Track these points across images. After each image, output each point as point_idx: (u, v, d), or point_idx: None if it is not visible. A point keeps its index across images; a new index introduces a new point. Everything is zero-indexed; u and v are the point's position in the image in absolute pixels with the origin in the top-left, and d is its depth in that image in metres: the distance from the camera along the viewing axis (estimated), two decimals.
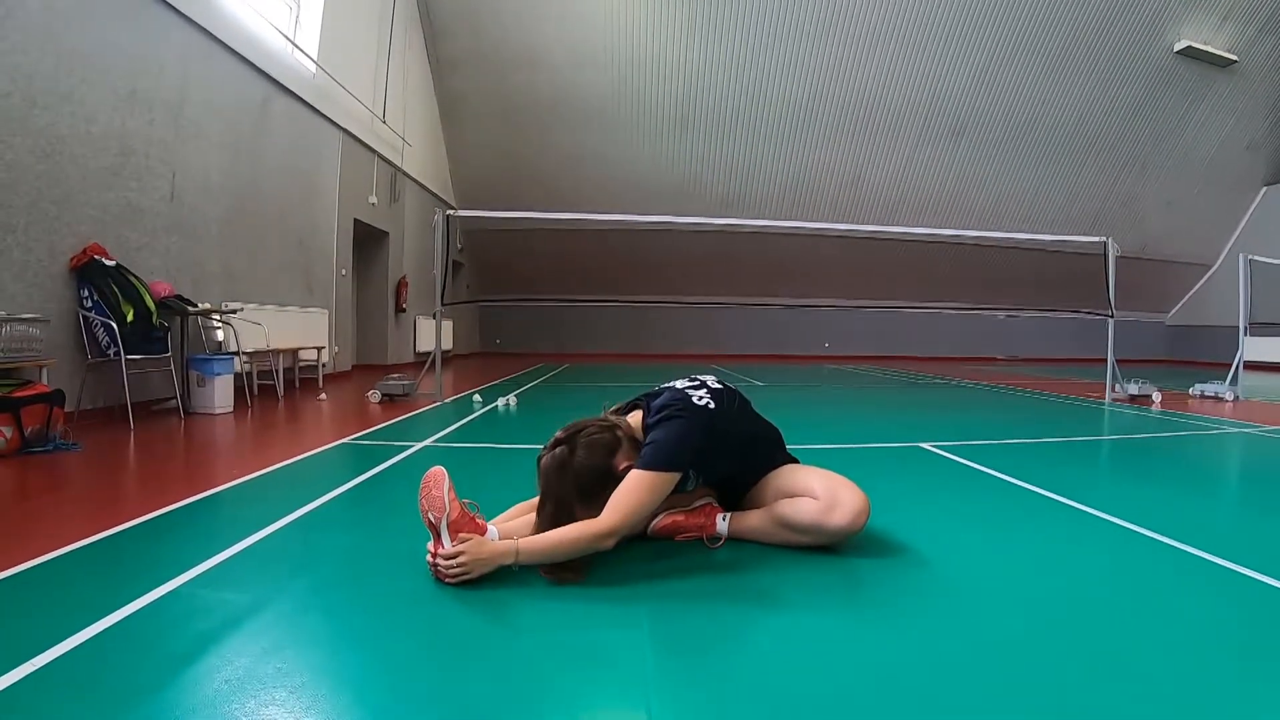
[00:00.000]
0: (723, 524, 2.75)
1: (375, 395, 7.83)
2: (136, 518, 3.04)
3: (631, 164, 18.18)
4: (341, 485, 3.78)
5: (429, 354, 8.99)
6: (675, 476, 2.47)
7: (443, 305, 8.35)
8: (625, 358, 20.01)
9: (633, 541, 2.68)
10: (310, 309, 10.12)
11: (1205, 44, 16.73)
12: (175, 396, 6.56)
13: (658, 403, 2.62)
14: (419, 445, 5.08)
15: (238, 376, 7.25)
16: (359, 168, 12.07)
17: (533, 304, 20.90)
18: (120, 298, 5.97)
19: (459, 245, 18.07)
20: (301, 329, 9.62)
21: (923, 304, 21.61)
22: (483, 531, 2.35)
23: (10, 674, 1.66)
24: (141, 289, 6.22)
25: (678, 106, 17.26)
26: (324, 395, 8.44)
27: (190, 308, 6.87)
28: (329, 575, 2.43)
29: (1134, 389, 9.02)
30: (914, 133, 18.08)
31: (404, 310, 14.32)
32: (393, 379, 8.22)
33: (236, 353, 7.36)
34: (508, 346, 21.56)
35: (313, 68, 10.27)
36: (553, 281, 20.45)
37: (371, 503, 3.57)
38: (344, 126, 11.29)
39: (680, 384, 2.73)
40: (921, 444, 5.39)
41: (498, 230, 19.18)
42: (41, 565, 2.44)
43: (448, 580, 2.25)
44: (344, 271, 11.59)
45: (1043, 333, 22.42)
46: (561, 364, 16.40)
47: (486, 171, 18.17)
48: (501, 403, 7.66)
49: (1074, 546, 2.90)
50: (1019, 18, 15.94)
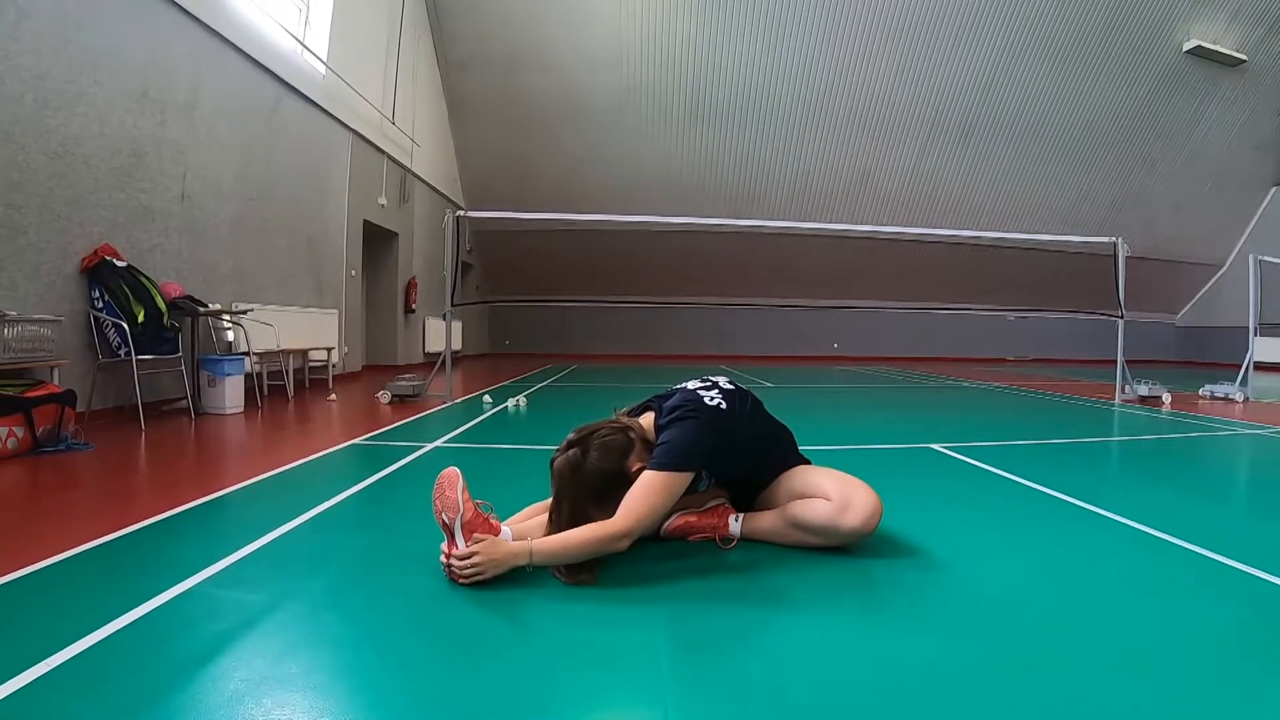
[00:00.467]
0: (735, 525, 2.74)
1: (385, 396, 7.85)
2: (149, 518, 3.05)
3: (640, 165, 18.18)
4: (353, 486, 3.79)
5: (438, 354, 9.01)
6: (688, 477, 2.47)
7: (453, 306, 8.36)
8: (634, 358, 20.02)
9: (646, 542, 2.67)
10: (320, 309, 10.14)
11: (1214, 43, 16.65)
12: (186, 397, 6.59)
13: (669, 404, 2.62)
14: (429, 446, 5.09)
15: (248, 377, 7.27)
16: (369, 168, 12.10)
17: (541, 305, 20.93)
18: (131, 298, 5.99)
19: (468, 246, 18.12)
20: (311, 330, 9.65)
21: (932, 305, 21.56)
22: (496, 532, 2.35)
23: (26, 673, 1.66)
24: (152, 290, 6.24)
25: (686, 107, 17.25)
26: (334, 396, 8.46)
27: (201, 308, 6.89)
28: (343, 575, 2.43)
29: (1144, 390, 8.99)
30: (923, 133, 18.04)
31: (413, 311, 14.35)
32: (403, 379, 8.24)
33: (247, 353, 7.38)
34: (516, 347, 21.58)
35: (322, 69, 10.30)
36: (561, 282, 20.48)
37: (383, 503, 3.58)
38: (353, 127, 11.31)
39: (692, 385, 2.73)
40: (932, 445, 5.38)
41: (506, 231, 19.20)
42: (55, 565, 2.45)
43: (461, 581, 2.25)
44: (354, 272, 11.61)
45: (1052, 334, 22.35)
46: (570, 365, 16.41)
47: (495, 172, 18.19)
48: (511, 403, 7.67)
49: (1085, 548, 2.88)
50: (1028, 17, 15.89)
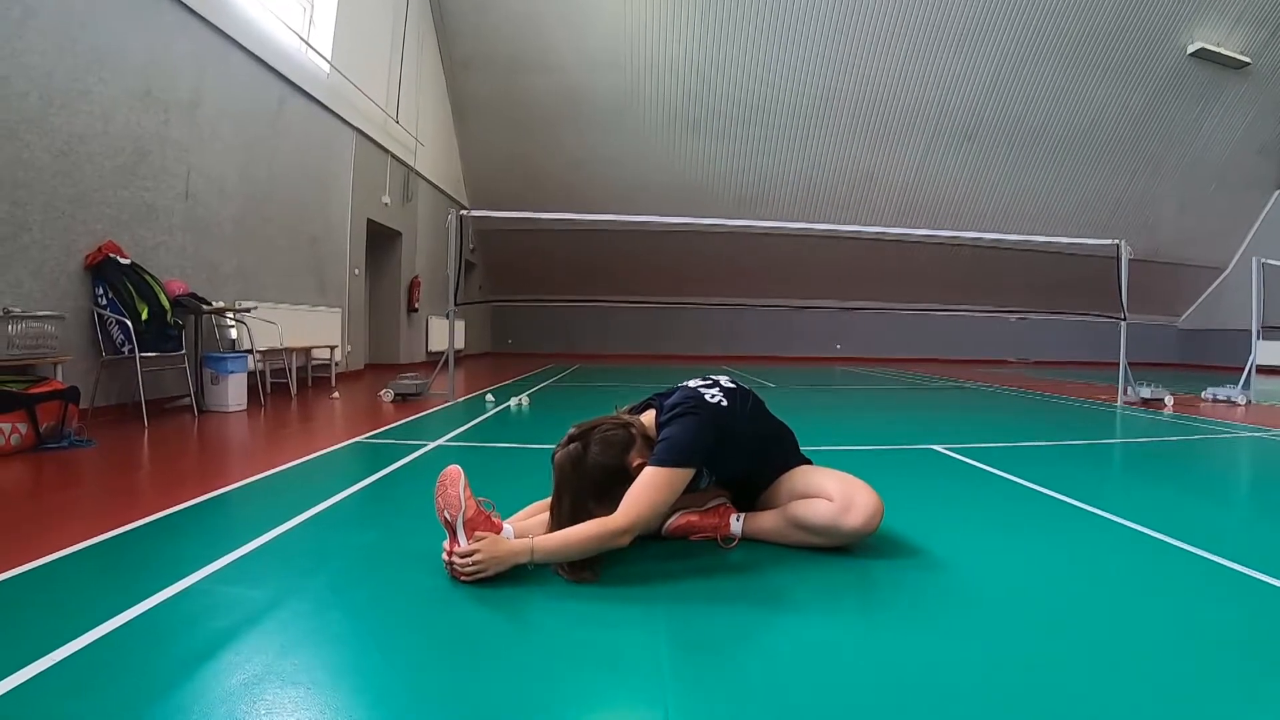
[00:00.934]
0: (737, 524, 2.75)
1: (388, 394, 7.86)
2: (151, 514, 3.05)
3: (643, 165, 18.19)
4: (355, 484, 3.79)
5: (441, 354, 9.02)
6: (689, 473, 2.47)
7: (455, 305, 8.37)
8: (636, 358, 20.02)
9: (647, 541, 2.68)
10: (323, 308, 10.16)
11: (1219, 46, 16.64)
12: (189, 394, 6.60)
13: (670, 401, 2.63)
14: (432, 444, 5.09)
15: (251, 375, 7.28)
16: (372, 167, 12.12)
17: (544, 304, 20.94)
18: (135, 296, 6.00)
19: (471, 245, 18.13)
20: (315, 328, 9.66)
21: (934, 306, 21.55)
22: (498, 530, 2.36)
23: (27, 669, 1.66)
24: (156, 287, 6.25)
25: (689, 108, 17.26)
26: (337, 394, 8.47)
27: (204, 306, 6.90)
28: (345, 573, 2.44)
29: (1146, 392, 8.98)
30: (926, 134, 18.05)
31: (416, 310, 14.36)
32: (405, 378, 8.25)
33: (250, 351, 7.39)
34: (519, 347, 21.60)
35: (326, 68, 10.31)
36: (564, 282, 20.49)
37: (385, 501, 3.58)
38: (357, 126, 11.33)
39: (693, 383, 2.74)
40: (933, 446, 5.38)
41: (510, 230, 19.22)
42: (57, 561, 2.45)
43: (463, 578, 2.26)
44: (357, 271, 11.63)
45: (1055, 335, 22.32)
46: (573, 364, 16.42)
47: (499, 172, 18.22)
48: (514, 403, 7.67)
49: (1086, 549, 2.88)
50: (1032, 20, 15.88)
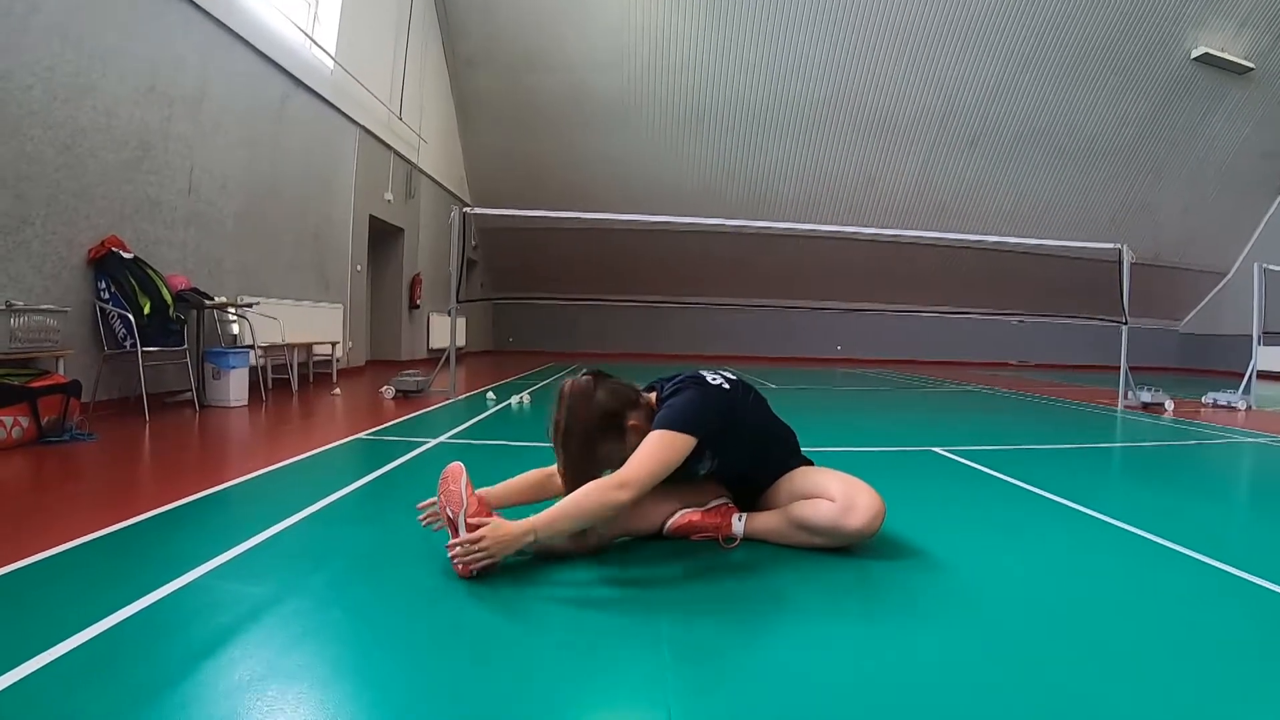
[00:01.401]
0: (738, 524, 2.75)
1: (389, 391, 7.86)
2: (153, 509, 3.06)
3: (645, 165, 18.19)
4: (357, 480, 3.80)
5: (442, 350, 9.02)
6: (691, 441, 2.46)
7: (457, 302, 8.38)
8: (637, 357, 20.01)
9: (649, 541, 2.69)
10: (325, 304, 10.16)
11: (1222, 51, 16.61)
12: (190, 389, 6.60)
13: (673, 381, 2.66)
14: (433, 442, 5.10)
15: (252, 370, 7.29)
16: (375, 164, 12.12)
17: (545, 302, 20.92)
18: (137, 290, 6.01)
19: (473, 243, 18.12)
20: (316, 324, 9.67)
21: (935, 308, 21.54)
22: None
23: (28, 664, 1.66)
24: (158, 282, 6.26)
25: (692, 108, 17.25)
26: (338, 390, 8.47)
27: (206, 301, 6.90)
28: (346, 570, 2.44)
29: (1146, 397, 8.97)
30: (929, 138, 18.03)
31: (418, 306, 14.37)
32: (407, 375, 8.25)
33: (252, 347, 7.39)
34: (520, 345, 21.59)
35: (330, 64, 10.31)
36: (566, 280, 20.48)
37: (387, 498, 3.59)
38: (361, 123, 11.33)
39: (698, 371, 2.76)
40: (934, 448, 5.38)
41: (512, 228, 19.20)
42: (59, 555, 2.45)
43: (470, 565, 2.24)
44: (359, 267, 11.63)
45: (1056, 339, 22.30)
46: (574, 363, 16.41)
47: (501, 170, 18.21)
48: (515, 400, 7.67)
49: (1087, 553, 2.89)
50: (1036, 24, 15.87)
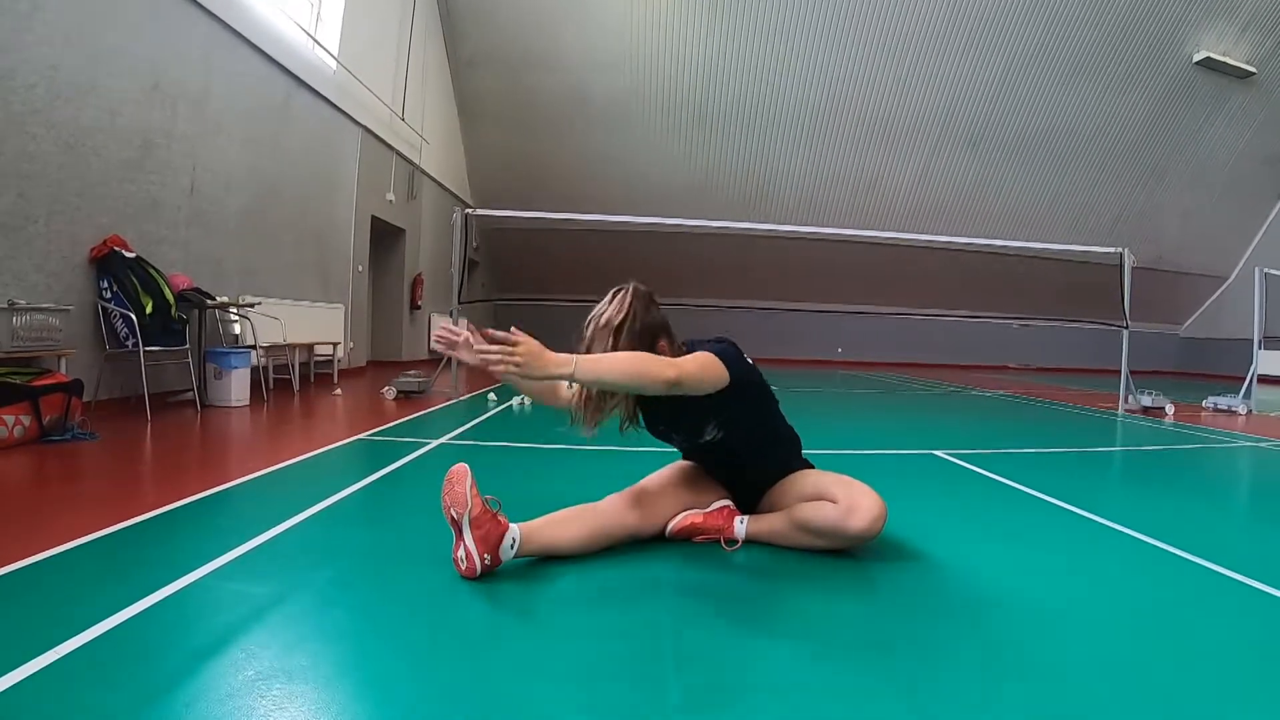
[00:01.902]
0: (740, 526, 2.76)
1: (390, 391, 7.86)
2: (155, 509, 3.05)
3: (647, 166, 18.19)
4: (359, 481, 3.80)
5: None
6: (725, 375, 2.45)
7: (459, 303, 8.38)
8: None
9: (651, 543, 2.69)
10: (326, 304, 10.16)
11: (1224, 55, 16.62)
12: (192, 389, 6.60)
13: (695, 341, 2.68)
14: (434, 443, 5.10)
15: (254, 370, 7.29)
16: (377, 165, 12.12)
17: (547, 303, 20.89)
18: (140, 290, 6.01)
19: (475, 244, 18.12)
20: (318, 324, 9.66)
21: (936, 311, 21.54)
22: (504, 529, 2.35)
23: (30, 664, 1.66)
24: (161, 281, 6.26)
25: (694, 109, 17.25)
26: (339, 391, 8.47)
27: (208, 301, 6.91)
28: (349, 570, 2.44)
29: (1147, 401, 8.97)
30: (931, 140, 18.04)
31: (419, 307, 14.37)
32: (408, 376, 8.25)
33: (253, 347, 7.40)
34: None
35: (333, 64, 10.32)
36: (567, 281, 20.41)
37: (389, 499, 3.59)
38: (363, 123, 11.34)
39: None
40: (935, 451, 5.38)
41: (513, 230, 19.21)
42: (60, 554, 2.45)
43: (499, 364, 2.16)
44: (360, 268, 11.64)
45: (1056, 342, 22.31)
46: None
47: (503, 171, 18.21)
48: (516, 402, 7.66)
49: (1087, 557, 2.89)
50: (1038, 27, 15.88)
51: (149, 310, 6.00)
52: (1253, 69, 16.98)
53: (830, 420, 7.89)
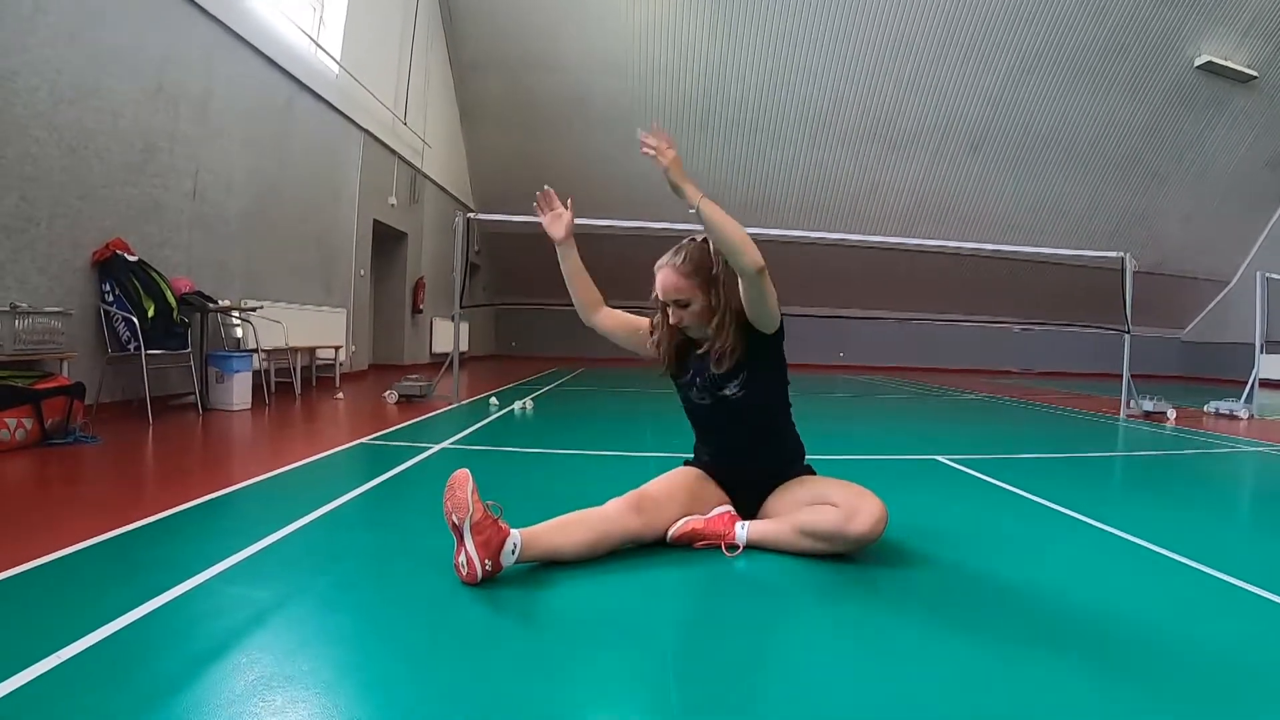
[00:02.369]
0: (741, 532, 2.75)
1: (392, 395, 7.86)
2: (157, 513, 3.05)
3: (648, 171, 18.01)
4: (361, 485, 3.80)
5: (445, 355, 9.02)
6: (779, 316, 2.74)
7: (461, 307, 8.38)
8: (640, 363, 19.96)
9: (652, 549, 2.69)
10: (328, 308, 10.17)
11: (1226, 59, 16.60)
12: (194, 392, 6.60)
13: None
14: (436, 447, 5.10)
15: (256, 374, 7.29)
16: (380, 168, 12.14)
17: (549, 308, 20.88)
18: (142, 293, 6.02)
19: (477, 248, 18.14)
20: (319, 328, 9.67)
21: (938, 316, 21.50)
22: (505, 534, 2.34)
23: (33, 668, 1.66)
24: (163, 285, 6.27)
25: (695, 113, 17.25)
26: (341, 394, 8.48)
27: (210, 304, 6.91)
28: (352, 574, 2.44)
29: (1149, 405, 8.96)
30: (932, 144, 18.03)
31: (421, 311, 14.38)
32: (410, 380, 8.25)
33: (255, 350, 7.40)
34: (523, 350, 21.59)
35: (336, 68, 10.34)
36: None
37: (391, 503, 3.59)
38: (365, 127, 11.36)
39: None
40: (936, 456, 5.38)
41: (515, 234, 19.20)
42: (63, 558, 2.45)
43: (658, 157, 2.55)
44: (362, 271, 11.65)
45: (1058, 347, 22.27)
46: (576, 368, 16.42)
47: (505, 174, 18.21)
48: (518, 406, 7.67)
49: (1088, 562, 2.89)
50: (1039, 31, 15.88)
51: (151, 313, 6.01)
52: (1254, 73, 16.97)
53: (832, 425, 7.87)
